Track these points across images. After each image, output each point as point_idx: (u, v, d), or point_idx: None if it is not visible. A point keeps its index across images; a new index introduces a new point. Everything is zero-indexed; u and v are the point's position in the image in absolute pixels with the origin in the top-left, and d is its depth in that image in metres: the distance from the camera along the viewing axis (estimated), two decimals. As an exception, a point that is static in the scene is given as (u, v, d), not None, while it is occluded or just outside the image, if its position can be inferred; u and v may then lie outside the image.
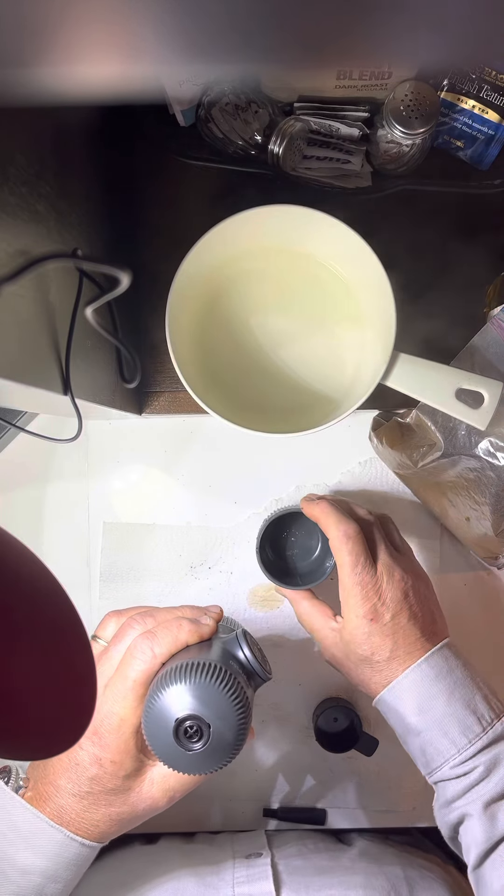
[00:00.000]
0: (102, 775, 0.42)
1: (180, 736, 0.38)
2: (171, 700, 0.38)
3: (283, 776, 0.63)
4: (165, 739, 0.38)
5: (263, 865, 0.53)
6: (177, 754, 0.38)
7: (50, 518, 0.64)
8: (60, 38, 0.15)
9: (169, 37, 0.15)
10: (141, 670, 0.42)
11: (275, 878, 0.52)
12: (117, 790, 0.42)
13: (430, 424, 0.55)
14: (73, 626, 0.30)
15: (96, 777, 0.42)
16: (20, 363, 0.36)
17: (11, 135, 0.36)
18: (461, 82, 0.57)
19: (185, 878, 0.52)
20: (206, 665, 0.39)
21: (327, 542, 0.60)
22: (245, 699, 0.39)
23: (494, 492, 0.53)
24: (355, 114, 0.58)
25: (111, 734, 0.42)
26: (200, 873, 0.53)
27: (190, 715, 0.38)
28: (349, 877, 0.52)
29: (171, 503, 0.64)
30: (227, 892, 0.51)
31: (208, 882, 0.52)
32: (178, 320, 0.52)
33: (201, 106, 0.57)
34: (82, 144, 0.51)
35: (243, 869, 0.53)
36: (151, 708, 0.39)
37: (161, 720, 0.38)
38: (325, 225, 0.52)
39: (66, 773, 0.43)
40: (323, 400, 0.58)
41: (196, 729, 0.38)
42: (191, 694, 0.38)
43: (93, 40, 0.15)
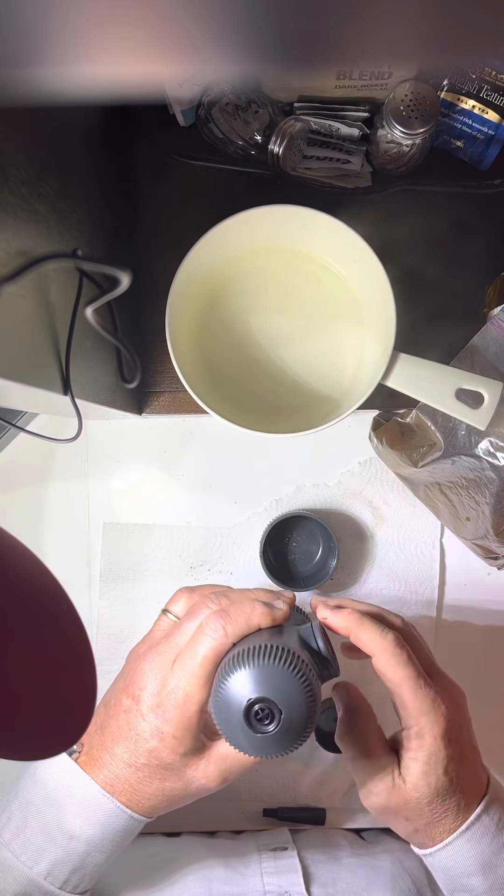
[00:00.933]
0: (161, 749, 0.41)
1: (251, 718, 0.37)
2: (245, 681, 0.37)
3: (283, 776, 0.63)
4: (235, 720, 0.37)
5: (291, 858, 0.53)
6: (245, 736, 0.37)
7: (50, 518, 0.64)
8: (60, 37, 0.15)
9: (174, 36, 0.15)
10: (211, 647, 0.41)
11: (304, 873, 0.51)
12: (174, 766, 0.42)
13: (430, 424, 0.55)
14: (73, 626, 0.30)
15: (154, 750, 0.41)
16: (20, 363, 0.36)
17: (11, 135, 0.36)
18: (461, 82, 0.57)
19: (212, 865, 0.52)
20: (281, 650, 0.38)
21: (328, 545, 0.61)
22: (315, 689, 0.39)
23: (494, 492, 0.53)
24: (355, 114, 0.58)
25: (175, 709, 0.41)
26: (228, 862, 0.52)
27: (263, 698, 0.37)
28: (376, 876, 0.52)
29: (171, 503, 0.64)
30: (256, 881, 0.50)
31: (236, 869, 0.51)
32: (178, 320, 0.52)
33: (201, 106, 0.57)
34: (82, 144, 0.51)
35: (271, 860, 0.52)
36: (222, 687, 0.38)
37: (232, 700, 0.37)
38: (325, 225, 0.52)
39: (124, 742, 0.42)
40: (323, 400, 0.58)
41: (267, 712, 0.37)
42: (265, 677, 0.37)
43: (93, 40, 0.15)
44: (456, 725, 0.42)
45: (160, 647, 0.44)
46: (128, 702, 0.43)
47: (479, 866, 0.42)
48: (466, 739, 0.43)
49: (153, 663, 0.43)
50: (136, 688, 0.43)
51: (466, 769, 0.43)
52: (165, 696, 0.41)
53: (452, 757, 0.42)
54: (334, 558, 0.59)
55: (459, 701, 0.44)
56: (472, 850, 0.42)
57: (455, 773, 0.42)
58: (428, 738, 0.41)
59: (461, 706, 0.44)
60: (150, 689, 0.42)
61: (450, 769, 0.41)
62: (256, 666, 0.37)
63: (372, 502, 0.64)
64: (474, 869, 0.42)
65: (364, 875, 0.52)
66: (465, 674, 0.53)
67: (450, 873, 0.44)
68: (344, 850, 0.57)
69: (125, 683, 0.44)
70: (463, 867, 0.43)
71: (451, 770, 0.42)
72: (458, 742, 0.42)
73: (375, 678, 0.43)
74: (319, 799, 0.63)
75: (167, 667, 0.42)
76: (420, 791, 0.41)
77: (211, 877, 0.51)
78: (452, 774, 0.42)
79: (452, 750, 0.42)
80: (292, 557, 0.63)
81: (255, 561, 0.62)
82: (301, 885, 0.50)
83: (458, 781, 0.42)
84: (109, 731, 0.44)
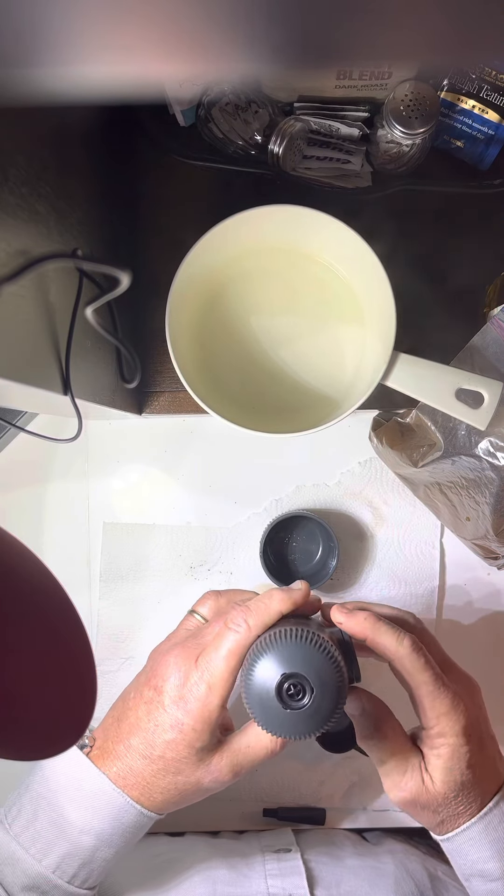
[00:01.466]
0: (179, 742, 0.42)
1: (283, 694, 0.38)
2: (276, 660, 0.38)
3: (283, 776, 0.63)
4: (267, 698, 0.38)
5: (294, 860, 0.52)
6: (277, 714, 0.38)
7: (50, 518, 0.64)
8: (60, 37, 0.15)
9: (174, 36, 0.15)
10: (235, 640, 0.41)
11: (307, 875, 0.51)
12: (188, 760, 0.42)
13: (430, 424, 0.55)
14: (72, 626, 0.30)
15: (172, 742, 0.42)
16: (20, 363, 0.36)
17: (11, 135, 0.36)
18: (461, 82, 0.57)
19: (216, 866, 0.52)
20: (310, 631, 0.39)
21: (328, 545, 0.61)
22: (343, 670, 0.39)
23: (494, 492, 0.53)
24: (355, 114, 0.58)
25: (198, 702, 0.42)
26: (232, 863, 0.52)
27: (295, 673, 0.38)
28: (379, 879, 0.52)
29: (171, 503, 0.64)
30: (260, 882, 0.50)
31: (239, 871, 0.51)
32: (178, 320, 0.52)
33: (201, 106, 0.57)
34: (82, 144, 0.51)
35: (274, 862, 0.52)
36: (254, 668, 0.39)
37: (264, 680, 0.38)
38: (325, 225, 0.52)
39: (141, 733, 0.43)
40: (323, 400, 0.58)
41: (299, 688, 0.38)
42: (295, 655, 0.38)
43: (93, 40, 0.15)
44: (474, 719, 0.43)
45: (186, 643, 0.45)
46: (149, 693, 0.44)
47: (496, 851, 0.43)
48: (485, 730, 0.45)
49: (178, 658, 0.44)
50: (159, 680, 0.44)
51: (487, 759, 0.44)
52: (188, 690, 0.42)
53: (474, 750, 0.43)
54: (334, 558, 0.59)
55: (474, 693, 0.45)
56: (489, 835, 0.43)
57: (478, 765, 0.43)
58: (451, 738, 0.42)
59: (476, 698, 0.45)
60: (174, 682, 0.43)
61: (473, 762, 0.43)
62: (287, 645, 0.38)
63: (372, 502, 0.64)
64: (491, 854, 0.43)
65: (367, 878, 0.52)
66: (465, 674, 0.53)
67: (467, 858, 0.45)
68: (347, 851, 0.57)
69: (147, 677, 0.45)
70: (479, 852, 0.44)
71: (475, 762, 0.43)
72: (479, 734, 0.44)
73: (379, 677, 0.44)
74: (319, 799, 0.63)
75: (191, 662, 0.43)
76: (448, 786, 0.43)
77: (215, 878, 0.51)
78: (475, 766, 0.43)
79: (473, 744, 0.43)
80: (292, 557, 0.63)
81: (255, 561, 0.62)
82: (305, 887, 0.50)
83: (481, 772, 0.43)
84: (127, 722, 0.44)
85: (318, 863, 0.53)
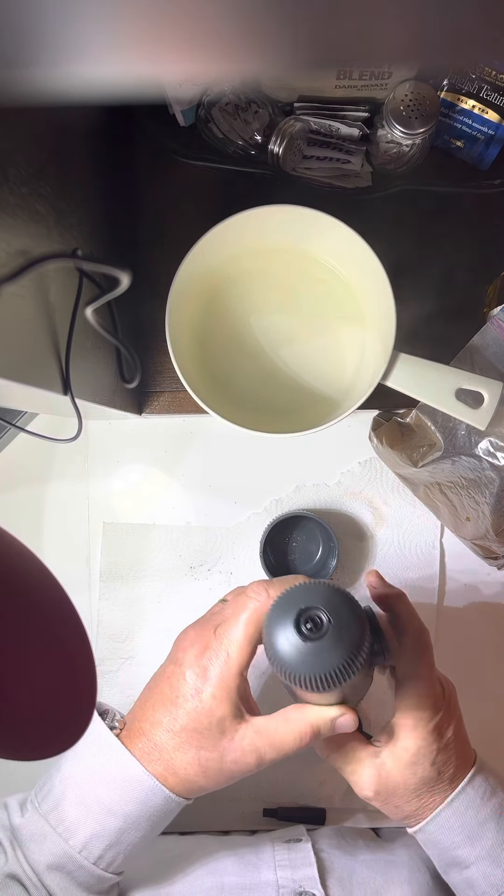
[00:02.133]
0: (200, 710, 0.42)
1: (301, 628, 0.37)
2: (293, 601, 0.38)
3: (283, 776, 0.63)
4: (284, 637, 0.37)
5: (305, 850, 0.52)
6: (297, 650, 0.37)
7: (50, 518, 0.64)
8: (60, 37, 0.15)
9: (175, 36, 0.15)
10: (253, 607, 0.42)
11: (318, 866, 0.50)
12: (210, 731, 0.42)
13: (430, 424, 0.55)
14: (72, 626, 0.30)
15: (193, 711, 0.42)
16: (20, 363, 0.36)
17: (11, 135, 0.36)
18: (461, 82, 0.57)
19: (223, 857, 0.51)
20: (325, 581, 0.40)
21: (328, 544, 0.61)
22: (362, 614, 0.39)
23: (494, 492, 0.53)
24: (355, 114, 0.58)
25: (216, 668, 0.42)
26: (240, 855, 0.52)
27: (311, 606, 0.37)
28: (393, 870, 0.51)
29: (171, 503, 0.64)
30: (269, 873, 0.50)
31: (248, 861, 0.51)
32: (179, 320, 0.52)
33: (201, 106, 0.57)
34: (82, 144, 0.51)
35: (284, 852, 0.52)
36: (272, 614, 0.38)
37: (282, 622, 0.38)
38: (325, 225, 0.52)
39: (164, 707, 0.43)
40: (323, 400, 0.58)
41: (318, 620, 0.37)
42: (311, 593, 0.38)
43: (92, 40, 0.15)
44: (447, 718, 0.45)
45: (205, 619, 0.47)
46: (171, 667, 0.45)
47: (466, 837, 0.44)
48: (455, 730, 0.45)
49: (197, 631, 0.45)
50: (179, 653, 0.45)
51: (454, 755, 0.45)
52: (207, 659, 0.43)
53: (441, 749, 0.44)
54: (334, 558, 0.59)
55: (453, 694, 0.47)
56: (457, 822, 0.44)
57: (442, 763, 0.44)
58: (422, 732, 0.43)
59: (452, 699, 0.46)
60: (192, 653, 0.44)
61: (438, 760, 0.44)
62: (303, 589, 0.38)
63: (372, 502, 0.64)
64: (461, 840, 0.44)
65: (380, 869, 0.51)
66: (465, 673, 0.53)
67: (439, 847, 0.45)
68: (360, 845, 0.56)
69: (170, 656, 0.46)
70: (450, 840, 0.44)
71: (439, 761, 0.44)
72: (447, 734, 0.45)
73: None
74: (319, 799, 0.63)
75: (210, 633, 0.44)
76: (408, 780, 0.43)
77: (223, 869, 0.50)
78: (440, 765, 0.44)
79: (442, 742, 0.44)
80: (292, 557, 0.63)
81: (255, 561, 0.62)
82: (315, 878, 0.49)
83: (445, 770, 0.44)
84: (151, 701, 0.45)
85: (330, 854, 0.52)
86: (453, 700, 0.46)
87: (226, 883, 0.49)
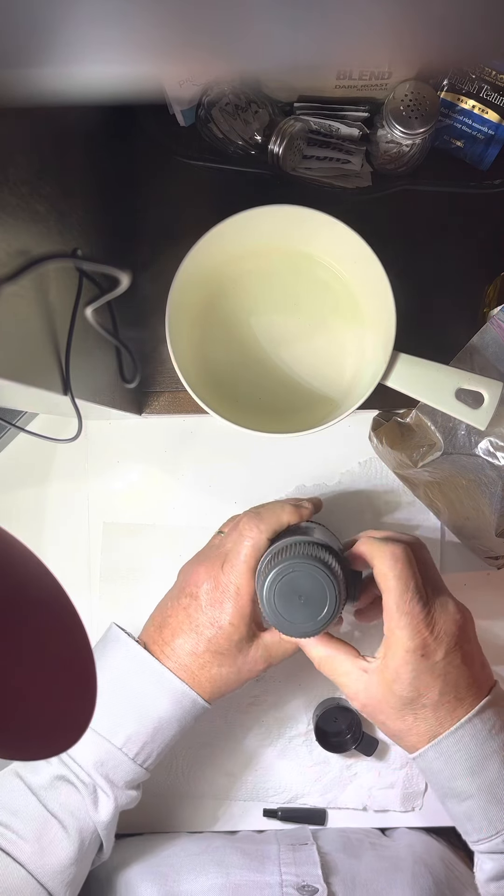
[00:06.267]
0: (219, 637, 0.48)
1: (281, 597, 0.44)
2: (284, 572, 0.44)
3: (283, 776, 0.63)
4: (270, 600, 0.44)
5: (310, 852, 0.54)
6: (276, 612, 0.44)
7: (50, 518, 0.64)
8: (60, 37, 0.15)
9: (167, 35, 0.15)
10: (250, 545, 0.48)
11: (323, 866, 0.52)
12: (230, 651, 0.48)
13: (430, 424, 0.55)
14: (72, 627, 0.30)
15: (213, 638, 0.48)
16: (20, 363, 0.36)
17: (11, 135, 0.36)
18: (461, 82, 0.57)
19: (230, 854, 0.53)
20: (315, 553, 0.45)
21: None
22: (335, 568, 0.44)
23: (495, 492, 0.53)
24: (355, 114, 0.58)
25: (229, 601, 0.48)
26: (246, 852, 0.54)
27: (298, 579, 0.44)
28: (396, 873, 0.52)
29: (171, 503, 0.64)
30: (274, 870, 0.51)
31: (253, 858, 0.53)
32: (178, 320, 0.52)
33: (201, 106, 0.57)
34: (82, 145, 0.51)
35: (289, 853, 0.54)
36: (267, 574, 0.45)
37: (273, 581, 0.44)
38: (325, 225, 0.52)
39: (186, 634, 0.49)
40: (323, 400, 0.58)
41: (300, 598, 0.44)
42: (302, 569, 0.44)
43: (92, 39, 0.15)
44: (439, 640, 0.44)
45: (210, 555, 0.52)
46: (186, 600, 0.50)
47: (467, 769, 0.44)
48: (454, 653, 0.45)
49: (207, 567, 0.50)
50: (193, 587, 0.50)
51: (441, 681, 0.44)
52: (221, 592, 0.48)
53: (424, 670, 0.44)
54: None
55: (451, 619, 0.45)
56: (459, 752, 0.44)
57: (424, 686, 0.44)
58: (401, 650, 0.44)
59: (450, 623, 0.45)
60: (207, 587, 0.49)
61: (420, 680, 0.44)
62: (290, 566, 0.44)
63: (372, 502, 0.64)
64: (460, 771, 0.44)
65: (384, 873, 0.52)
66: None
67: (438, 776, 0.45)
68: (364, 846, 0.57)
69: (181, 587, 0.51)
70: (450, 770, 0.44)
71: (422, 680, 0.44)
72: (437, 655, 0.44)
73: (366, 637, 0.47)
74: (319, 799, 0.63)
75: (218, 568, 0.49)
76: (388, 697, 0.45)
77: (229, 865, 0.52)
78: (421, 685, 0.44)
79: (426, 663, 0.44)
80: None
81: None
82: (319, 875, 0.50)
83: (427, 693, 0.44)
84: (169, 628, 0.50)
85: (334, 857, 0.54)
86: (452, 626, 0.45)
87: (231, 880, 0.50)
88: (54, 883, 0.45)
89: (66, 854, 0.45)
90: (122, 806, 0.48)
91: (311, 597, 0.44)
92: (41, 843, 0.45)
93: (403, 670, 0.44)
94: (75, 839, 0.46)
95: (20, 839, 0.45)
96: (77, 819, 0.46)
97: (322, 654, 0.48)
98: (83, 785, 0.47)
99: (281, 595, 0.44)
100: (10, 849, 0.45)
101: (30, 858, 0.45)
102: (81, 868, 0.47)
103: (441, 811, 0.63)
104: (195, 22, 0.15)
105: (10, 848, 0.45)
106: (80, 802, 0.47)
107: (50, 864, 0.45)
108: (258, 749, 0.63)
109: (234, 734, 0.63)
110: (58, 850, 0.45)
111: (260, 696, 0.63)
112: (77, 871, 0.46)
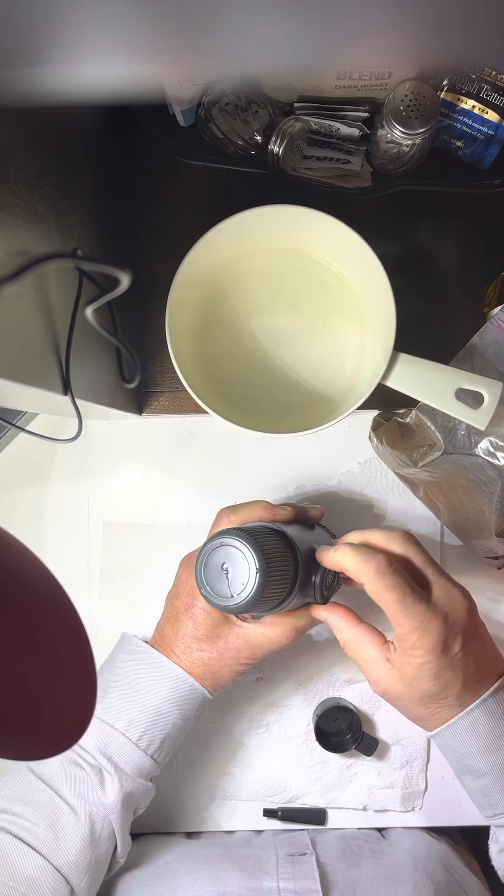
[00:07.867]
0: (196, 625, 0.51)
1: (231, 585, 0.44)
2: None
3: (283, 776, 0.63)
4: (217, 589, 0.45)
5: (308, 864, 0.53)
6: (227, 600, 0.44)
7: (50, 518, 0.64)
8: (60, 37, 0.15)
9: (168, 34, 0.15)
10: None
11: (322, 878, 0.51)
12: (207, 637, 0.51)
13: (430, 424, 0.55)
14: (73, 626, 0.30)
15: (191, 624, 0.51)
16: (20, 363, 0.36)
17: (11, 135, 0.36)
18: (461, 82, 0.57)
19: (227, 867, 0.53)
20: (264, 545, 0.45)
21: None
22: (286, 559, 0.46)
23: (495, 492, 0.53)
24: (355, 114, 0.58)
25: None
26: (243, 864, 0.53)
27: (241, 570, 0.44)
28: (398, 885, 0.51)
29: (171, 503, 0.64)
30: (272, 883, 0.51)
31: (251, 869, 0.52)
32: (178, 320, 0.52)
33: (201, 106, 0.57)
34: (82, 145, 0.51)
35: (288, 865, 0.53)
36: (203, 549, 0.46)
37: None
38: (325, 225, 0.52)
39: (171, 623, 0.53)
40: (323, 400, 0.58)
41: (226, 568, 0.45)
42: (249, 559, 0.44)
43: (92, 39, 0.15)
44: (454, 633, 0.44)
45: (194, 550, 0.54)
46: (172, 591, 0.54)
47: (482, 747, 0.45)
48: (465, 645, 0.45)
49: (189, 558, 0.54)
50: (177, 578, 0.54)
51: (462, 672, 0.44)
52: (193, 583, 0.51)
53: (446, 665, 0.44)
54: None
55: (459, 607, 0.45)
56: (474, 731, 0.45)
57: (447, 681, 0.44)
58: (419, 651, 0.44)
59: (459, 612, 0.45)
60: (184, 576, 0.53)
61: (442, 676, 0.44)
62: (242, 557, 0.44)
63: (372, 502, 0.64)
64: (476, 750, 0.45)
65: (384, 884, 0.51)
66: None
67: (455, 754, 0.47)
68: (364, 853, 0.56)
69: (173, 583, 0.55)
70: (466, 748, 0.46)
71: (444, 676, 0.44)
72: (455, 648, 0.44)
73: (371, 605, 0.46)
74: (319, 799, 0.63)
75: (194, 558, 0.51)
76: (410, 692, 0.45)
77: (226, 878, 0.51)
78: (444, 682, 0.44)
79: (446, 658, 0.44)
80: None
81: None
82: (318, 891, 0.50)
83: (451, 686, 0.44)
84: (163, 620, 0.54)
85: (334, 867, 0.53)
86: (462, 615, 0.45)
87: (228, 891, 0.50)
88: (70, 867, 0.46)
89: (78, 837, 0.47)
90: (130, 792, 0.49)
91: (236, 573, 0.44)
92: (54, 829, 0.47)
93: (424, 670, 0.44)
94: (85, 822, 0.48)
95: (34, 825, 0.47)
96: (87, 802, 0.48)
97: (348, 638, 0.48)
98: (91, 767, 0.49)
99: (208, 567, 0.44)
100: (25, 836, 0.46)
101: (43, 844, 0.46)
102: (98, 854, 0.48)
103: (441, 811, 0.63)
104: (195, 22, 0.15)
105: (24, 836, 0.46)
106: (88, 784, 0.49)
107: (64, 849, 0.47)
108: (258, 749, 0.63)
109: (233, 734, 0.63)
110: (70, 834, 0.47)
111: (260, 696, 0.63)
112: (93, 856, 0.48)
